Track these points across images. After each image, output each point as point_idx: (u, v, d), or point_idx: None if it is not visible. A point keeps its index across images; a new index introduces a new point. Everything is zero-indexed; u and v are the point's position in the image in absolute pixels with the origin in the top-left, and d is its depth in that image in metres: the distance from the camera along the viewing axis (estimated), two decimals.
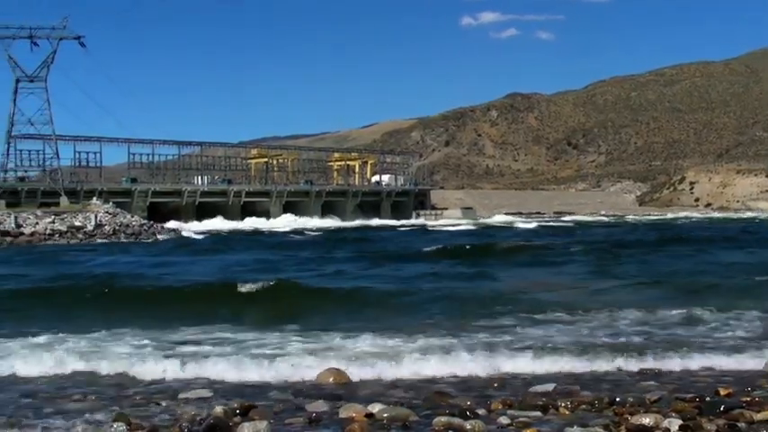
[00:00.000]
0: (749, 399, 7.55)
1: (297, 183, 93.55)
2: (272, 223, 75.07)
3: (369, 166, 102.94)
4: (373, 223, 79.13)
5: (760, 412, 7.02)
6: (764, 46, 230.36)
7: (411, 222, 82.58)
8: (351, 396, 8.18)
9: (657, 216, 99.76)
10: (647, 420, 6.81)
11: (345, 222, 79.62)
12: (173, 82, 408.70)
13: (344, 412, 7.35)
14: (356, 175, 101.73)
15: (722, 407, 7.21)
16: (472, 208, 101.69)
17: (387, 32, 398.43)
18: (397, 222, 79.76)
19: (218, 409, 7.27)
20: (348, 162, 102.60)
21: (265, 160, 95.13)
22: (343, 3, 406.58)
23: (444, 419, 6.94)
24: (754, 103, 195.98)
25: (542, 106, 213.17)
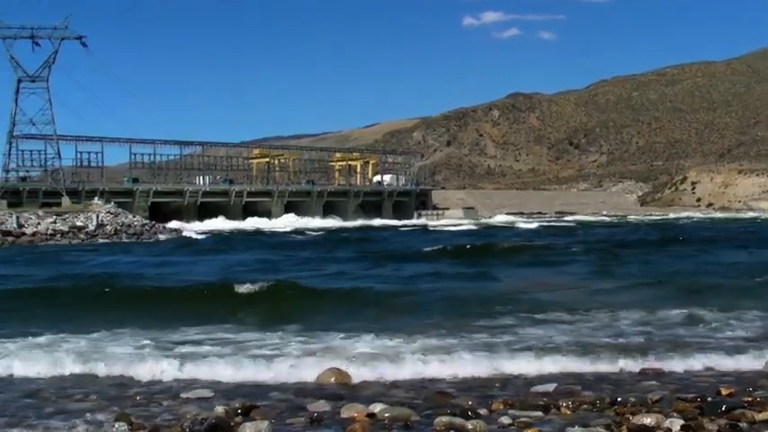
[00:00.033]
0: (751, 399, 7.54)
1: (298, 183, 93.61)
2: (274, 223, 75.08)
3: (370, 166, 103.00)
4: (375, 223, 79.14)
5: (761, 412, 7.01)
6: (766, 46, 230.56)
7: (413, 222, 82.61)
8: (352, 396, 8.18)
9: (659, 216, 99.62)
10: (648, 420, 6.80)
11: (347, 222, 79.64)
12: (174, 82, 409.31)
13: (346, 412, 7.36)
14: (358, 176, 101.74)
15: (724, 407, 7.20)
16: (474, 208, 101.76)
17: (388, 32, 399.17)
18: (398, 222, 79.80)
19: (220, 410, 7.27)
20: (350, 162, 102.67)
21: (267, 160, 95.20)
22: (344, 3, 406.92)
23: (446, 419, 6.94)
24: (755, 103, 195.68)
25: (544, 106, 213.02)
